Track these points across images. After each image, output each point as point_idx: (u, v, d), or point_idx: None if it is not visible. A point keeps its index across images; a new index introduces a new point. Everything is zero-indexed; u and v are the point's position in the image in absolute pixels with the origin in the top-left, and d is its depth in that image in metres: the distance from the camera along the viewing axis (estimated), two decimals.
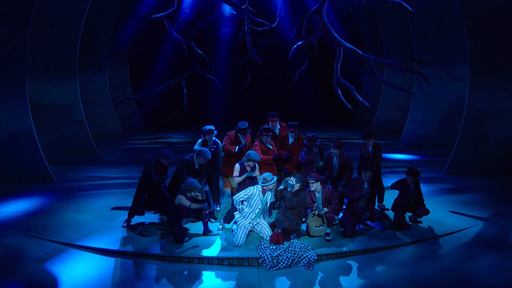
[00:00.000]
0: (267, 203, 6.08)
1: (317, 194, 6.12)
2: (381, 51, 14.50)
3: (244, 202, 6.05)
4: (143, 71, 15.75)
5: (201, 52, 13.98)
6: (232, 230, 6.23)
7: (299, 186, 5.92)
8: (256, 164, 6.51)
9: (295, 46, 10.31)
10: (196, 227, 6.46)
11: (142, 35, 14.85)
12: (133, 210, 6.55)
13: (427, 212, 6.48)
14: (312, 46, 14.82)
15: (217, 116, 13.63)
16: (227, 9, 13.99)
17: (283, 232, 5.88)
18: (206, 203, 6.10)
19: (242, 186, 6.33)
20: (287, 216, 5.92)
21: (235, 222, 6.23)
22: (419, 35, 11.84)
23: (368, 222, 6.52)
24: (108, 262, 5.51)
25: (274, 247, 5.64)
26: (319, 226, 6.09)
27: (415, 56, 11.47)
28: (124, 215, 6.75)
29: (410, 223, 6.57)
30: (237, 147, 6.89)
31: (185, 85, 14.34)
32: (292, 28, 13.94)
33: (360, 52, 9.98)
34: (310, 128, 12.02)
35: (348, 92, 9.75)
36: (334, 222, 6.50)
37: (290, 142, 7.09)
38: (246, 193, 5.97)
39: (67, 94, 11.53)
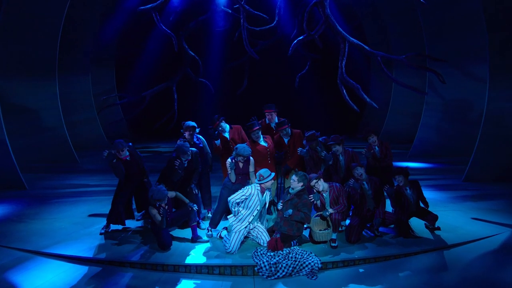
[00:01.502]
0: (265, 204, 5.79)
1: (324, 194, 5.84)
2: (389, 52, 14.34)
3: (239, 204, 5.72)
4: (130, 74, 15.59)
5: (193, 54, 13.85)
6: (221, 237, 5.90)
7: (301, 186, 5.63)
8: (251, 158, 6.22)
9: (295, 41, 10.19)
10: (184, 233, 6.14)
11: (130, 34, 14.73)
12: (113, 214, 6.25)
13: (434, 217, 6.19)
14: (313, 48, 14.74)
15: (210, 123, 13.42)
16: (221, 7, 13.89)
17: (282, 237, 5.55)
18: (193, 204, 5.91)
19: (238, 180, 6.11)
20: (286, 221, 5.60)
21: (225, 228, 5.91)
22: (431, 32, 11.70)
23: (380, 229, 6.18)
24: (80, 271, 5.16)
25: (272, 254, 5.31)
26: (323, 230, 5.74)
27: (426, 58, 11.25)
28: (104, 222, 6.42)
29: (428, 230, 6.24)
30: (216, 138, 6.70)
31: (176, 89, 14.14)
32: (292, 28, 13.84)
33: (366, 47, 9.82)
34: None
35: (353, 94, 9.57)
36: (340, 228, 6.18)
37: (286, 141, 6.82)
38: (243, 193, 5.66)
39: (45, 97, 11.31)
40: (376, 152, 6.78)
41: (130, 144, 6.43)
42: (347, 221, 6.37)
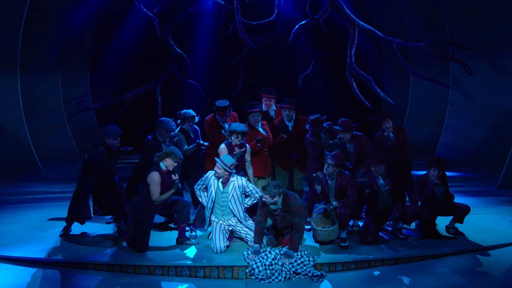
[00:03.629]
0: (234, 200, 5.41)
1: (330, 182, 5.60)
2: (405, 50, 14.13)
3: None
4: (107, 73, 15.34)
5: (180, 52, 13.76)
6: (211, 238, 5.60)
7: (280, 196, 5.05)
8: (247, 145, 6.01)
9: (297, 26, 10.12)
10: (164, 237, 5.83)
11: (107, 27, 14.57)
12: (73, 213, 5.96)
13: (467, 208, 5.89)
14: (319, 44, 14.71)
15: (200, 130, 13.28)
16: None
17: None
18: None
19: None
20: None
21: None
22: (454, 21, 11.49)
23: (405, 232, 5.87)
24: (30, 274, 4.90)
25: (267, 252, 5.02)
26: (327, 227, 5.46)
27: (450, 47, 11.08)
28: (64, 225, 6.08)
29: (449, 235, 5.92)
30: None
31: (160, 92, 13.95)
32: (294, 21, 13.76)
33: (379, 33, 9.73)
34: None
35: (365, 90, 9.45)
36: (353, 228, 5.94)
37: (290, 127, 6.55)
38: (204, 178, 5.59)
39: (4, 94, 11.03)
40: (391, 139, 6.46)
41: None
42: (360, 222, 6.11)
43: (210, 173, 5.50)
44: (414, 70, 9.80)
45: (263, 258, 4.89)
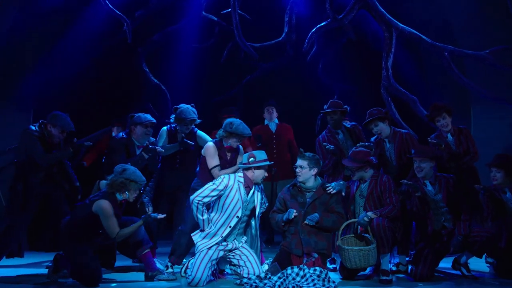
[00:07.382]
0: (254, 210, 5.65)
1: (362, 185, 5.80)
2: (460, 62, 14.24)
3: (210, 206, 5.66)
4: (57, 109, 15.40)
5: (157, 82, 14.00)
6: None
7: (315, 172, 5.75)
8: (240, 146, 6.40)
9: (314, 29, 10.35)
10: (129, 276, 5.93)
11: (60, 49, 14.83)
12: (4, 244, 6.20)
13: None
14: (343, 72, 14.90)
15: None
16: (202, 13, 14.27)
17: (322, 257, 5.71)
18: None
19: None
20: (320, 233, 5.70)
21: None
22: None
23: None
24: None
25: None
26: (358, 247, 5.47)
27: None
28: None
29: None
30: None
31: None
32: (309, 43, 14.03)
33: (426, 39, 9.94)
34: None
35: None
36: (398, 267, 6.04)
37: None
38: (215, 186, 5.49)
39: None
40: (450, 142, 6.33)
41: None
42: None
43: (230, 179, 5.53)
44: (475, 86, 9.81)
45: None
